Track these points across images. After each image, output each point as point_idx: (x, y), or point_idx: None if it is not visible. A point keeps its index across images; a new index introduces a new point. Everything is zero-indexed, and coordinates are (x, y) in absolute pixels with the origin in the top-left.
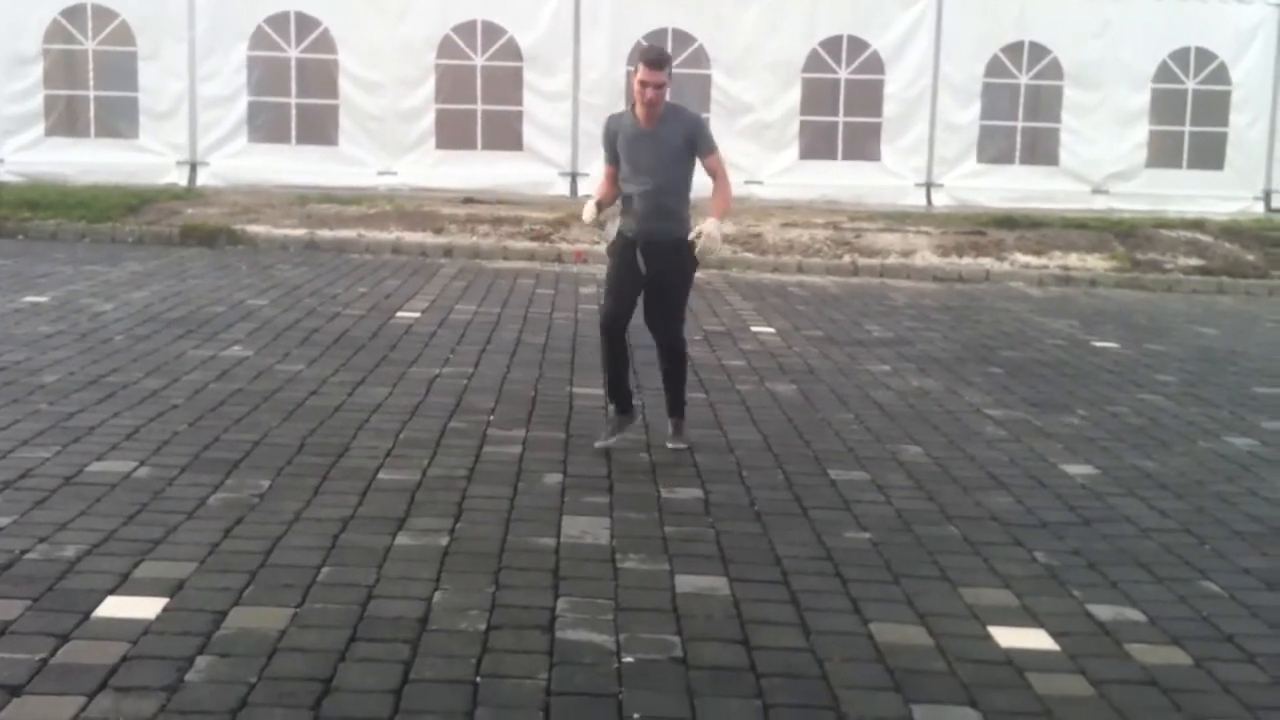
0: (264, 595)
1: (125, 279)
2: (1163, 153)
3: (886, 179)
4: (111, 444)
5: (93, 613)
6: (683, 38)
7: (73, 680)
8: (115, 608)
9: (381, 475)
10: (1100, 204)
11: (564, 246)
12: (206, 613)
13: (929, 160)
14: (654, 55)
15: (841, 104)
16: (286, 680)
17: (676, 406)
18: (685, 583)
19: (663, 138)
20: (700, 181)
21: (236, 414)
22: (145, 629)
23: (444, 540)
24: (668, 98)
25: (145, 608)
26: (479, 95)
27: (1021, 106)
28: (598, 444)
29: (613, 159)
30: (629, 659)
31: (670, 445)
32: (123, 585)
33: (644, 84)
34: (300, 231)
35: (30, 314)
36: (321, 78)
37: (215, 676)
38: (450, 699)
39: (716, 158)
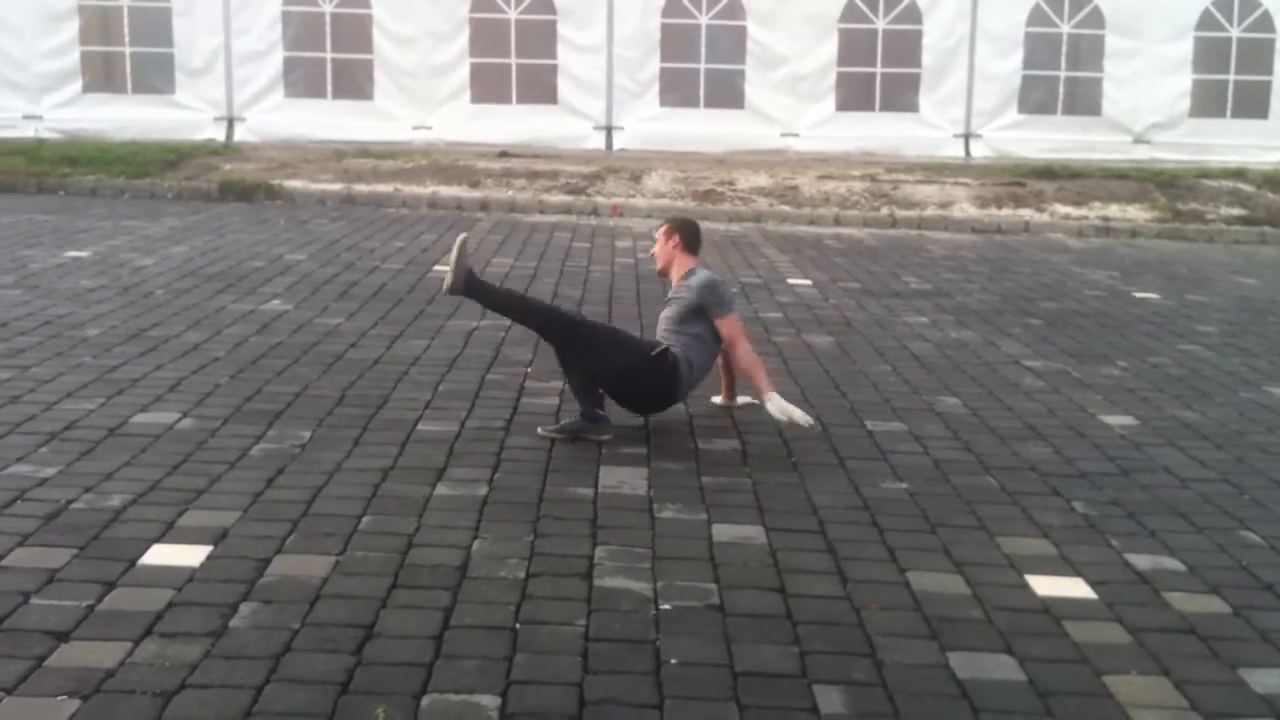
0: (306, 543)
1: (165, 234)
2: (1206, 102)
3: (924, 130)
4: (155, 396)
5: (138, 561)
6: None
7: (119, 626)
8: (160, 556)
9: (421, 426)
10: (1142, 154)
11: (600, 200)
12: (250, 560)
13: (967, 111)
14: None
15: (879, 55)
16: (329, 626)
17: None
18: (722, 532)
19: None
20: None
21: (277, 366)
22: (190, 576)
23: (483, 490)
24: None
25: (190, 556)
26: (513, 49)
27: (1064, 56)
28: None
29: None
30: (666, 606)
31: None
32: (168, 534)
33: None
34: (337, 186)
35: (72, 269)
36: (356, 32)
37: (259, 622)
38: (490, 645)
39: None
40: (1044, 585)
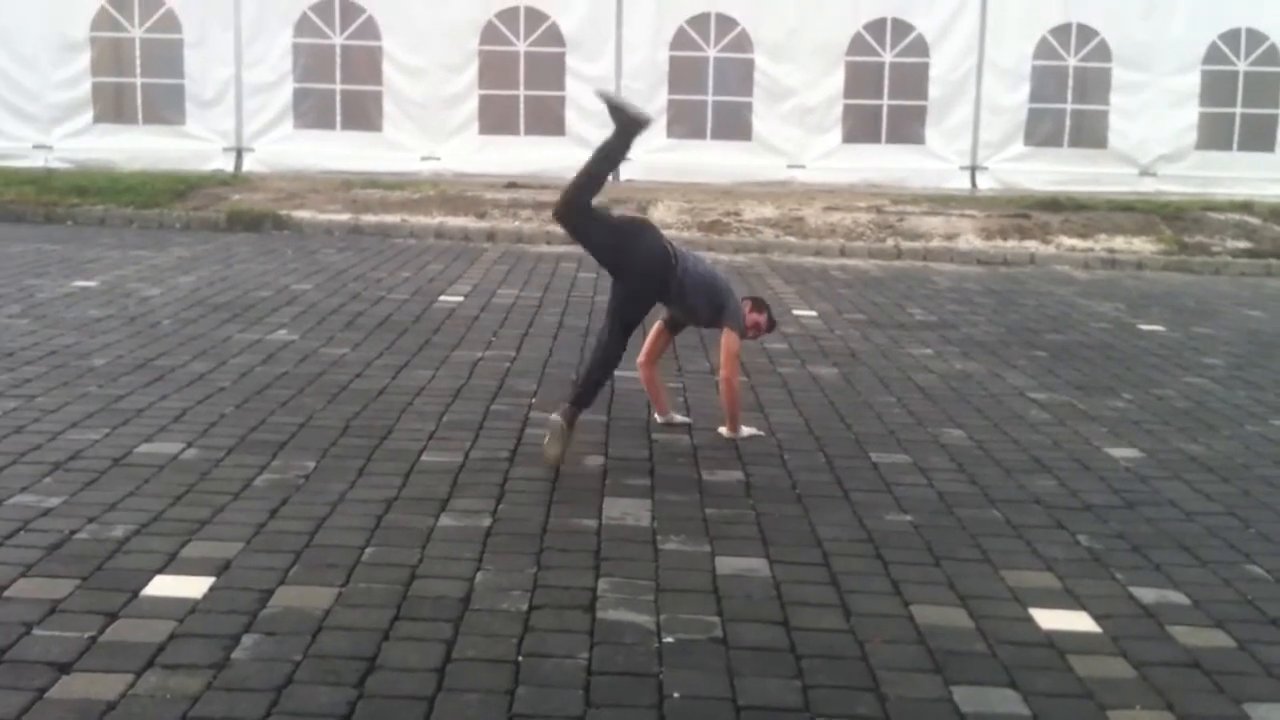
0: (309, 575)
1: (173, 264)
2: (1212, 135)
3: (930, 162)
4: (160, 426)
5: (141, 592)
6: (725, 21)
7: (121, 658)
8: (163, 587)
9: (425, 457)
10: (1149, 186)
11: None
12: (253, 592)
13: (973, 143)
14: None
15: (886, 87)
16: (331, 658)
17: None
18: (726, 564)
19: None
20: None
21: (282, 397)
22: (192, 608)
23: (486, 521)
24: None
25: (192, 587)
26: (521, 80)
27: (1071, 89)
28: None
29: None
30: (669, 639)
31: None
32: (170, 564)
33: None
34: (345, 216)
35: (80, 298)
36: (366, 64)
37: (261, 654)
38: (492, 677)
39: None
40: (1048, 619)
